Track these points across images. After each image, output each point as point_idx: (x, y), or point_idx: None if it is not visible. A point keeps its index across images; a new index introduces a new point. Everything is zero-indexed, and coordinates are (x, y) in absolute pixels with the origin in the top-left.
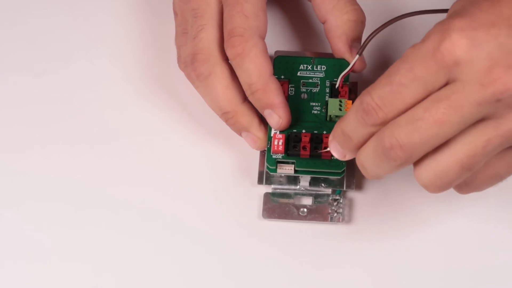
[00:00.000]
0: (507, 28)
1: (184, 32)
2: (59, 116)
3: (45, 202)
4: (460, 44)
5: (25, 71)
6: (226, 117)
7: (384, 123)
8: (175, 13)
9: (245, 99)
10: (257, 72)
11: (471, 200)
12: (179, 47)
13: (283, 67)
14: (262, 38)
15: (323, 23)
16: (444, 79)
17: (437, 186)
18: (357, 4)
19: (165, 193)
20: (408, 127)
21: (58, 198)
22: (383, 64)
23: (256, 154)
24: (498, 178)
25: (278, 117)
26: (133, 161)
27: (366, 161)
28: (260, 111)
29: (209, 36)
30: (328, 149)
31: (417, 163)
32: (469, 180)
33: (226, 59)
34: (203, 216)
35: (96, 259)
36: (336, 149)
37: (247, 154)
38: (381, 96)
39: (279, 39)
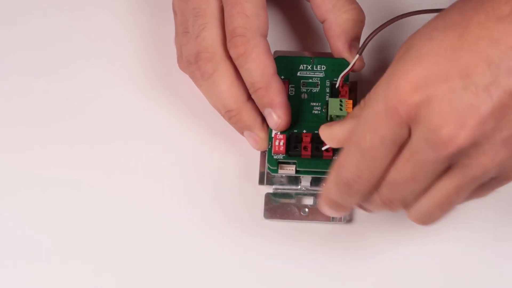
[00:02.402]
0: (460, 80)
1: (185, 31)
2: (59, 116)
3: (45, 202)
4: (411, 103)
5: (25, 71)
6: (230, 115)
7: (369, 188)
8: (175, 13)
9: (249, 97)
10: (259, 71)
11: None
12: (179, 47)
13: (283, 67)
14: (264, 36)
15: (322, 22)
16: (407, 133)
17: (426, 223)
18: (357, 3)
19: (166, 194)
20: (389, 188)
21: (58, 198)
22: (382, 63)
23: (257, 155)
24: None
25: (277, 117)
26: (133, 161)
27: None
28: (261, 110)
29: (212, 34)
30: (327, 146)
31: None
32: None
33: (229, 57)
34: (204, 217)
35: (96, 259)
36: (331, 213)
37: (247, 155)
38: (357, 166)
39: (277, 39)
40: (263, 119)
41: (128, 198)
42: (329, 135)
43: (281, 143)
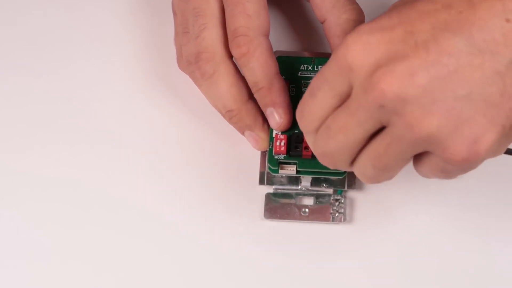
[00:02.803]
0: (403, 33)
1: (185, 31)
2: (59, 116)
3: (45, 202)
4: (352, 50)
5: (25, 71)
6: (230, 115)
7: (308, 124)
8: (174, 13)
9: (249, 97)
10: (262, 71)
11: (473, 201)
12: (179, 47)
13: (284, 67)
14: (266, 36)
15: (322, 22)
16: (346, 83)
17: (366, 181)
18: (356, 4)
19: (166, 194)
20: (324, 136)
21: (58, 198)
22: None
23: (257, 155)
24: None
25: (278, 116)
26: (133, 161)
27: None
28: (263, 109)
29: (212, 34)
30: None
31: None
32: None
33: (230, 57)
34: (204, 217)
35: (96, 259)
36: None
37: (248, 155)
38: (303, 102)
39: (278, 39)
40: (264, 119)
41: (128, 198)
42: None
43: (282, 143)
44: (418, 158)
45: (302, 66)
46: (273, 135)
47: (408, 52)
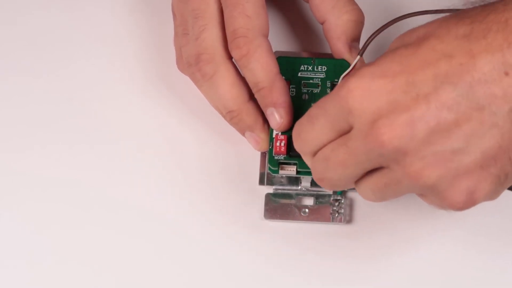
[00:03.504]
0: (405, 83)
1: (185, 33)
2: (59, 116)
3: (45, 202)
4: (354, 94)
5: (25, 71)
6: (231, 115)
7: (304, 152)
8: (174, 14)
9: (249, 98)
10: (263, 71)
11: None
12: (179, 48)
13: (284, 68)
14: (266, 36)
15: (322, 23)
16: (346, 123)
17: (369, 201)
18: (356, 4)
19: (166, 194)
20: (322, 164)
21: (58, 198)
22: None
23: (257, 156)
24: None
25: (279, 117)
26: (133, 161)
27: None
28: (263, 110)
29: (212, 35)
30: None
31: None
32: None
33: (230, 57)
34: (204, 217)
35: (96, 259)
36: None
37: (248, 156)
38: (300, 123)
39: (277, 40)
40: (264, 120)
41: (128, 198)
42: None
43: (282, 144)
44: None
45: (302, 66)
46: (273, 136)
47: (409, 103)
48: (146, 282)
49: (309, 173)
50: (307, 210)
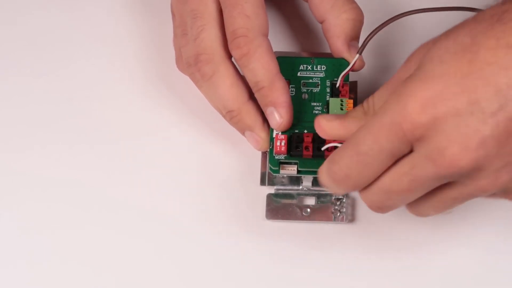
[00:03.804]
0: (468, 103)
1: (184, 33)
2: (59, 116)
3: (45, 202)
4: (418, 121)
5: (25, 71)
6: (231, 115)
7: (355, 188)
8: (173, 14)
9: (249, 98)
10: (264, 71)
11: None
12: (179, 48)
13: (283, 67)
14: (266, 36)
15: (321, 22)
16: (407, 149)
17: (421, 216)
18: (355, 3)
19: (167, 195)
20: (381, 196)
21: (58, 198)
22: (382, 62)
23: (258, 156)
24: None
25: (279, 116)
26: (133, 161)
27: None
28: (263, 109)
29: (211, 36)
30: (328, 146)
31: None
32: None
33: (229, 57)
34: (206, 218)
35: (96, 259)
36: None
37: (248, 156)
38: (349, 167)
39: (276, 40)
40: (264, 119)
41: (128, 198)
42: (328, 128)
43: (283, 144)
44: None
45: (301, 66)
46: (274, 135)
47: (477, 124)
48: (146, 283)
49: (310, 173)
50: (309, 209)
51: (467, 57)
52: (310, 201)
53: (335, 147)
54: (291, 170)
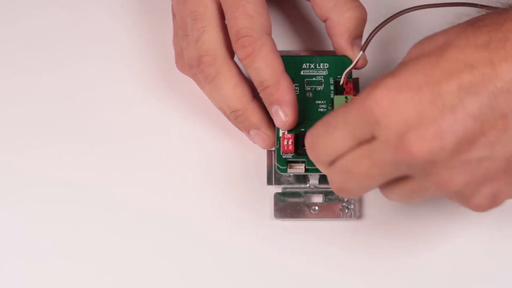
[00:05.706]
0: (431, 95)
1: (185, 34)
2: (59, 116)
3: (45, 202)
4: (381, 106)
5: (25, 71)
6: (235, 115)
7: (321, 162)
8: (174, 15)
9: (253, 97)
10: (269, 70)
11: None
12: (180, 49)
13: (286, 66)
14: (270, 35)
15: (324, 21)
16: (369, 133)
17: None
18: (358, 1)
19: (171, 195)
20: (343, 175)
21: (58, 198)
22: (384, 59)
23: (263, 155)
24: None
25: (284, 115)
26: (134, 161)
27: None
28: (268, 108)
29: (212, 37)
30: None
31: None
32: None
33: (231, 58)
34: (214, 219)
35: (97, 259)
36: None
37: (253, 155)
38: (318, 135)
39: (278, 39)
40: (269, 117)
41: (129, 198)
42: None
43: (290, 142)
44: None
45: (304, 65)
46: (280, 135)
47: (437, 115)
48: (149, 282)
49: (317, 171)
50: (316, 207)
51: (437, 53)
52: (318, 198)
53: None
54: (299, 168)
